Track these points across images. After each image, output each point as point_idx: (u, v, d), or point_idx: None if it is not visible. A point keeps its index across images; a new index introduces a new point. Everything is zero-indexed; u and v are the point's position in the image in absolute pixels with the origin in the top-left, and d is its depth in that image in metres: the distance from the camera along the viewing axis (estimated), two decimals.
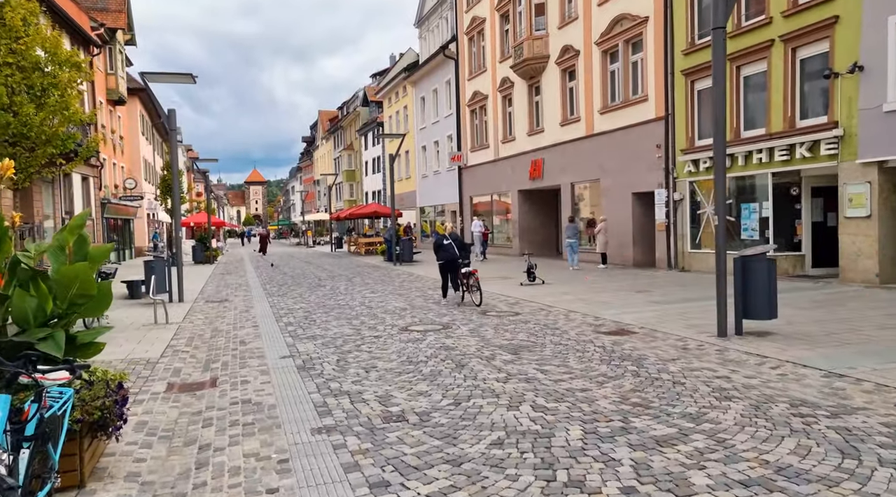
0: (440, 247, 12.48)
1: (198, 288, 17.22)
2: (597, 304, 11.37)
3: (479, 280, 11.87)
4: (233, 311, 12.31)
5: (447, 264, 12.37)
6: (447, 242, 12.43)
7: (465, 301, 12.21)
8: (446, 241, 12.45)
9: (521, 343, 7.93)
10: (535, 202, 25.78)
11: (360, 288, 15.84)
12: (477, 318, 10.23)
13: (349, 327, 9.63)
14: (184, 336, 9.48)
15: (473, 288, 11.82)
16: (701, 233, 16.28)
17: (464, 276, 12.07)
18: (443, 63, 32.70)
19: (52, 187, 23.50)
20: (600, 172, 20.17)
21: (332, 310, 11.80)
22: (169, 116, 13.99)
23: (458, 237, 12.85)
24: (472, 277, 11.83)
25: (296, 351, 7.97)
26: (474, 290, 11.79)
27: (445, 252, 12.33)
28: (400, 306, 11.96)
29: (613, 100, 19.58)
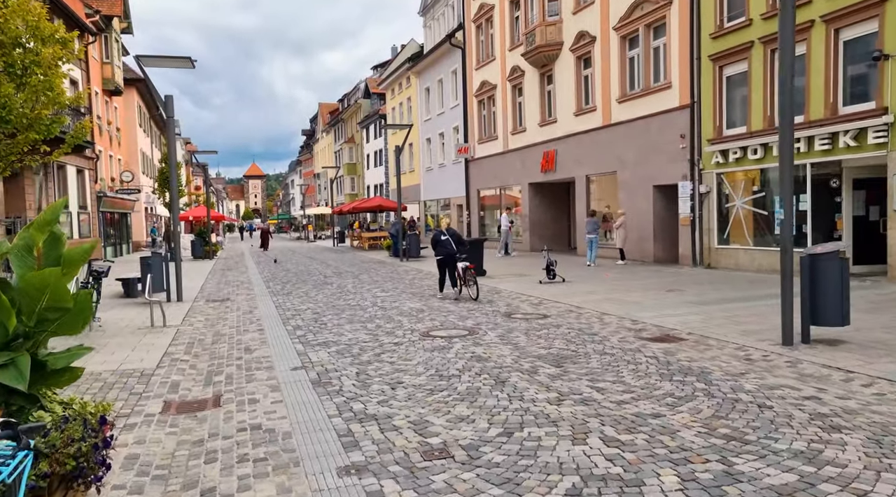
0: (437, 242, 12.55)
1: (197, 286, 16.36)
2: (629, 304, 10.52)
3: (475, 274, 12.01)
4: (235, 311, 11.45)
5: (445, 259, 12.43)
6: (444, 238, 12.48)
7: (462, 295, 12.24)
8: (443, 237, 12.51)
9: (560, 352, 7.07)
10: (546, 195, 24.90)
11: (369, 286, 14.98)
12: (503, 321, 9.38)
13: (364, 332, 8.77)
14: (183, 341, 8.62)
15: (470, 282, 11.97)
16: (730, 227, 15.40)
17: (461, 270, 12.20)
18: (449, 52, 31.73)
19: (45, 179, 22.59)
20: (618, 164, 19.28)
21: (343, 311, 10.94)
22: (166, 103, 13.09)
23: (455, 232, 12.92)
24: (469, 272, 12.00)
25: (308, 361, 7.11)
26: (471, 284, 11.94)
27: (443, 247, 12.40)
28: (416, 307, 11.10)
29: (633, 88, 18.66)
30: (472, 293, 11.90)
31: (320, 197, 77.71)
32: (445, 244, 12.39)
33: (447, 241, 12.41)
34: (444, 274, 12.54)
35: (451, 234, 12.62)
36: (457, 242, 12.49)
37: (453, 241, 12.45)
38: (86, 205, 26.75)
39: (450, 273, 12.49)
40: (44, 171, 22.44)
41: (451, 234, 12.63)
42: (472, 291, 11.88)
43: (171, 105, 13.12)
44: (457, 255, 12.35)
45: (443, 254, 12.42)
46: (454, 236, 12.63)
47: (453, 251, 12.34)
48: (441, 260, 12.50)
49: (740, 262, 15.02)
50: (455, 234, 12.85)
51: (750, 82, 14.39)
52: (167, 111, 13.15)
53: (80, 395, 6.07)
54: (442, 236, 12.54)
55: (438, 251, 12.51)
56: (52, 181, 23.02)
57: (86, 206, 26.73)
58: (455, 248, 12.37)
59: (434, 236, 12.82)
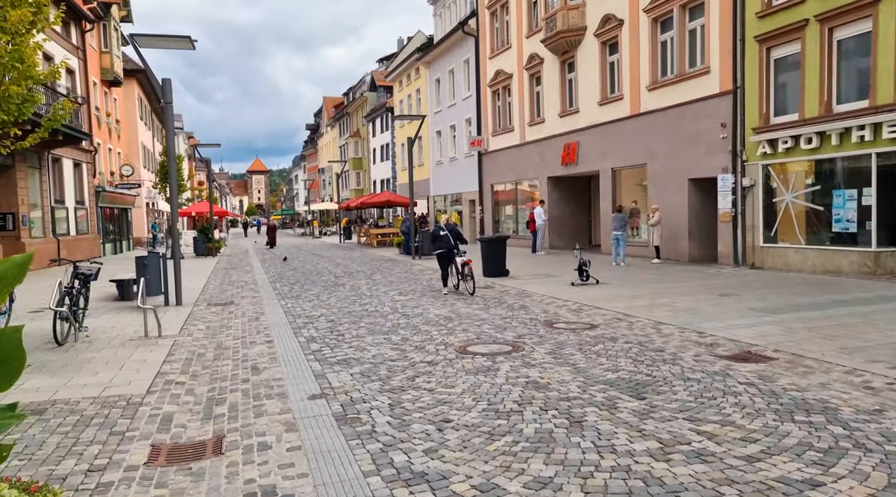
0: (437, 237, 12.83)
1: (199, 286, 15.19)
2: (684, 312, 9.30)
3: (472, 269, 12.31)
4: (240, 318, 10.27)
5: (444, 254, 12.63)
6: (443, 233, 12.69)
7: (459, 290, 12.56)
8: (443, 232, 12.72)
9: (633, 377, 5.86)
10: (565, 190, 23.64)
11: (384, 287, 13.78)
12: (547, 333, 8.17)
13: (390, 346, 7.57)
14: (180, 357, 7.44)
15: (467, 277, 12.24)
16: (777, 224, 14.14)
17: (459, 265, 12.44)
18: (461, 41, 30.43)
19: (40, 173, 21.43)
20: (647, 156, 18.02)
21: (361, 318, 9.74)
22: (163, 87, 11.89)
23: (454, 228, 13.13)
24: (467, 267, 12.25)
25: (328, 386, 5.92)
26: (468, 279, 12.21)
27: (442, 242, 12.62)
28: (442, 314, 9.89)
29: (665, 74, 17.39)
30: (468, 288, 12.15)
31: (325, 192, 76.54)
32: (444, 239, 12.60)
33: (446, 237, 12.60)
34: (445, 269, 12.72)
35: (449, 230, 12.76)
36: (455, 238, 12.65)
37: (452, 236, 12.63)
38: (83, 200, 25.62)
39: (447, 266, 12.70)
40: (38, 163, 21.30)
41: (450, 230, 12.79)
42: (469, 286, 12.14)
43: (168, 89, 11.92)
44: (455, 250, 12.53)
45: (442, 248, 12.64)
46: (453, 232, 12.80)
47: (452, 246, 12.54)
48: (440, 254, 12.70)
49: (790, 263, 13.77)
50: (454, 229, 13.00)
51: (803, 65, 13.11)
52: (165, 96, 11.95)
53: (47, 435, 4.92)
54: (441, 232, 12.74)
55: (438, 246, 12.76)
56: (48, 175, 21.87)
57: (83, 202, 25.60)
58: (454, 243, 12.54)
59: (433, 232, 13.21)
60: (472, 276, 12.14)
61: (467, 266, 12.19)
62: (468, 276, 12.16)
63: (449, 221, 13.66)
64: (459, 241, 12.65)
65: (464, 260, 12.29)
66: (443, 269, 12.69)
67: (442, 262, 12.67)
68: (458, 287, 12.60)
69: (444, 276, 12.71)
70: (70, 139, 21.34)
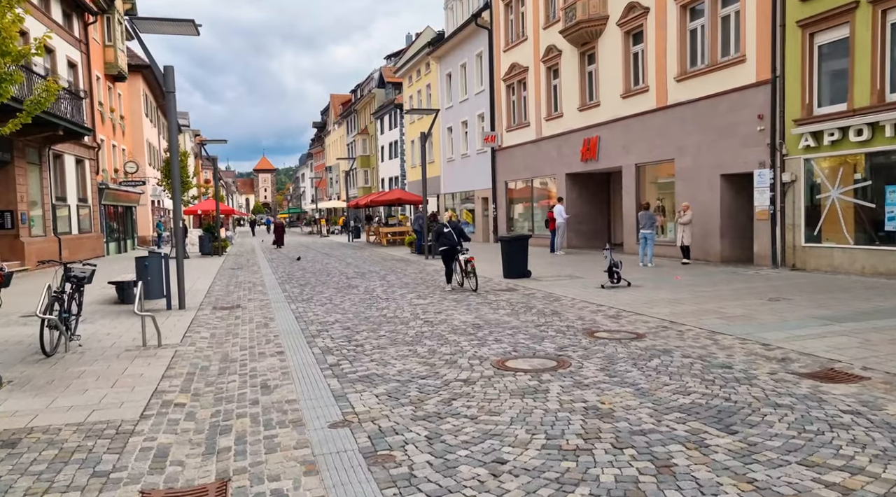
0: (440, 234, 13.09)
1: (203, 288, 14.39)
2: (737, 319, 8.41)
3: (475, 267, 12.41)
4: (248, 324, 9.44)
5: (448, 251, 12.87)
6: (447, 231, 12.95)
7: (464, 286, 12.71)
8: (446, 230, 12.98)
9: (711, 402, 4.97)
10: (584, 187, 22.73)
11: (400, 290, 12.93)
12: (590, 344, 7.29)
13: (417, 360, 6.71)
14: (180, 371, 6.61)
15: (470, 274, 12.37)
16: (822, 223, 13.20)
17: (462, 262, 12.63)
18: (474, 34, 29.54)
19: (40, 169, 20.70)
20: (675, 151, 17.10)
21: (381, 325, 8.89)
22: (165, 75, 11.07)
23: (457, 225, 13.35)
24: (470, 264, 12.37)
25: (351, 410, 5.07)
26: (471, 276, 12.33)
27: (446, 239, 12.88)
28: (468, 321, 9.03)
29: (695, 64, 16.45)
30: (471, 285, 12.33)
31: (332, 190, 75.80)
32: (448, 237, 12.84)
33: (449, 234, 12.84)
34: (449, 265, 12.98)
35: (453, 227, 13.03)
36: (458, 235, 12.86)
37: (455, 233, 12.86)
38: (86, 198, 24.91)
39: (451, 263, 12.96)
40: (38, 159, 20.56)
41: (454, 227, 13.04)
42: (472, 283, 12.29)
43: (171, 78, 11.09)
44: (458, 247, 12.76)
45: (446, 244, 12.86)
46: (456, 229, 13.02)
47: (455, 243, 12.77)
48: (444, 251, 12.93)
49: (837, 264, 12.83)
50: (457, 227, 13.24)
51: (852, 51, 12.17)
52: (167, 85, 11.13)
53: (16, 476, 4.08)
54: (445, 229, 13.03)
55: (441, 243, 13.01)
56: (48, 171, 21.13)
57: (86, 199, 24.89)
58: (457, 240, 12.77)
59: (437, 229, 13.60)
60: (475, 274, 12.27)
61: (470, 263, 12.35)
62: (471, 272, 12.32)
63: (452, 219, 13.82)
64: (463, 238, 12.89)
65: (467, 257, 12.51)
66: (447, 266, 13.01)
67: (446, 259, 13.00)
68: (463, 284, 12.77)
69: (447, 272, 13.04)
70: (71, 134, 20.58)
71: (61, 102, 20.00)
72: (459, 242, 12.79)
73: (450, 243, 12.79)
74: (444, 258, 13.03)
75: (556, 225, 20.40)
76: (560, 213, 20.26)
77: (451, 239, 12.78)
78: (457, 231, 12.96)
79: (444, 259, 13.07)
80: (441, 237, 13.02)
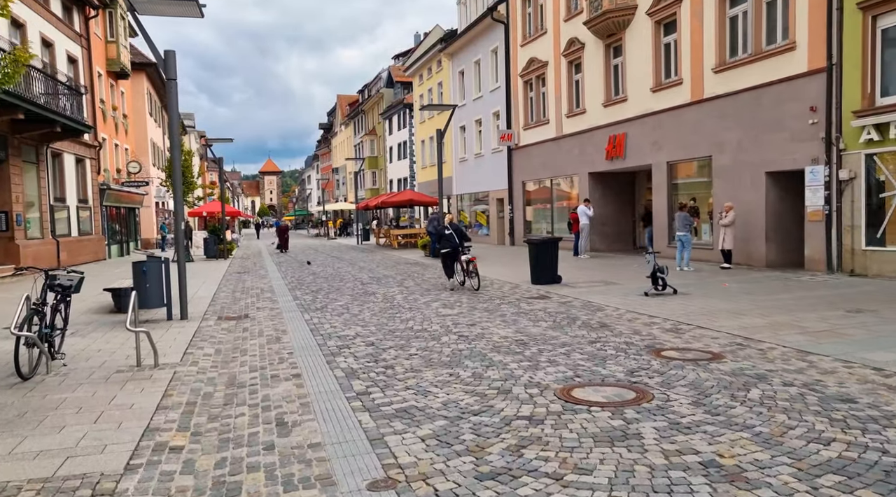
0: (442, 236, 13.43)
1: (208, 294, 13.33)
2: (822, 335, 7.27)
3: (476, 267, 12.76)
4: (257, 337, 8.36)
5: (449, 252, 13.16)
6: (448, 232, 13.24)
7: (465, 286, 12.97)
8: (447, 232, 13.28)
9: (865, 456, 3.83)
10: (608, 187, 21.58)
11: (422, 297, 11.82)
12: (662, 365, 6.17)
13: (462, 387, 5.59)
14: (179, 400, 5.52)
15: (472, 274, 12.72)
16: (886, 224, 12.02)
17: (464, 262, 12.93)
18: (489, 29, 28.45)
19: (37, 169, 19.70)
20: (713, 147, 15.94)
21: (409, 341, 7.77)
22: (166, 61, 10.00)
23: (457, 227, 13.64)
24: (472, 264, 12.71)
25: (393, 463, 3.95)
26: (473, 276, 12.70)
27: (447, 240, 13.19)
28: (510, 336, 7.91)
29: (735, 54, 15.31)
30: (473, 284, 12.67)
31: (339, 192, 74.83)
32: (449, 238, 13.15)
33: (451, 235, 13.15)
34: (451, 266, 13.26)
35: (454, 229, 13.32)
36: (459, 236, 13.14)
37: (456, 234, 13.15)
38: (87, 198, 23.92)
39: (452, 264, 13.23)
40: (36, 158, 19.57)
41: (455, 229, 13.34)
42: (474, 282, 12.62)
43: (172, 64, 10.03)
44: (459, 247, 13.03)
45: (447, 246, 13.15)
46: (457, 230, 13.31)
47: (456, 244, 13.06)
48: (446, 252, 13.24)
49: None
50: (458, 228, 13.52)
51: None
52: (167, 72, 10.07)
53: None
54: (446, 231, 13.33)
55: (443, 244, 13.30)
56: (46, 171, 20.14)
57: (86, 200, 23.90)
58: (458, 241, 13.05)
59: (439, 231, 14.05)
60: (476, 273, 12.66)
61: (472, 263, 12.70)
62: (473, 272, 12.67)
63: (452, 220, 14.28)
64: (464, 239, 13.20)
65: (468, 257, 12.82)
66: (448, 266, 13.33)
67: (447, 260, 13.31)
68: (465, 283, 13.07)
69: (448, 272, 13.36)
70: (70, 131, 19.60)
71: (59, 98, 19.03)
72: (461, 243, 13.10)
73: (450, 244, 13.13)
74: (446, 259, 13.39)
75: (580, 227, 19.26)
76: (584, 213, 19.13)
77: (452, 241, 13.13)
78: (458, 233, 13.26)
79: (444, 260, 13.45)
80: (443, 238, 13.37)
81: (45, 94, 18.07)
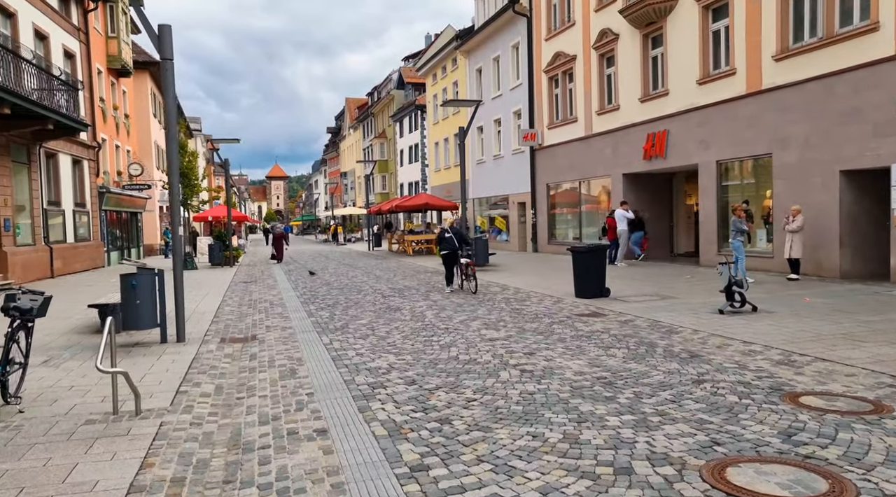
0: (442, 239, 13.81)
1: (211, 308, 11.77)
2: None
3: (475, 270, 13.16)
4: (268, 369, 6.79)
5: (449, 255, 13.57)
6: (448, 236, 13.63)
7: (464, 288, 13.38)
8: (447, 235, 13.67)
9: None
10: (644, 189, 19.94)
11: (457, 315, 10.21)
12: (824, 426, 4.54)
13: (558, 462, 3.97)
14: (161, 475, 3.96)
15: (471, 277, 13.03)
16: None
17: (462, 266, 13.38)
18: (510, 23, 26.94)
19: (29, 170, 18.25)
20: (774, 144, 14.31)
21: (460, 378, 6.16)
22: (160, 36, 8.48)
23: (458, 231, 14.06)
24: (470, 268, 13.09)
25: None
26: (471, 279, 13.01)
27: (447, 244, 13.57)
28: (585, 371, 6.29)
29: (801, 39, 13.69)
30: (471, 287, 13.01)
31: (347, 197, 73.39)
32: (449, 241, 13.54)
33: (451, 239, 13.54)
34: (450, 269, 13.69)
35: (454, 233, 13.69)
36: (459, 240, 13.57)
37: (456, 238, 13.55)
38: (84, 202, 22.47)
39: (451, 267, 13.65)
40: (27, 158, 18.12)
41: (455, 233, 13.72)
42: (472, 285, 12.97)
43: (167, 41, 8.51)
44: (459, 251, 13.44)
45: (447, 249, 13.56)
46: (457, 234, 13.72)
47: (456, 248, 13.47)
48: (445, 255, 13.67)
49: None
50: (458, 232, 13.94)
51: None
52: (162, 50, 8.55)
53: None
54: (446, 234, 13.71)
55: (443, 247, 13.71)
56: (39, 172, 18.69)
57: (84, 204, 22.45)
58: (458, 245, 13.46)
59: (439, 234, 14.29)
60: (474, 277, 12.98)
61: (470, 267, 13.10)
62: (471, 275, 13.02)
63: (452, 225, 14.63)
64: (464, 243, 13.68)
65: (467, 261, 13.23)
66: (448, 269, 13.74)
67: (447, 263, 13.71)
68: (463, 286, 13.50)
69: (448, 275, 13.75)
70: (65, 129, 18.13)
71: (54, 94, 17.59)
72: (461, 247, 13.46)
73: (450, 248, 13.49)
74: (446, 261, 13.74)
75: (617, 232, 17.64)
76: (622, 218, 17.49)
77: (451, 244, 13.46)
78: (458, 236, 13.64)
79: (445, 262, 13.81)
80: (443, 242, 13.73)
81: (37, 89, 16.64)
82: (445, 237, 13.67)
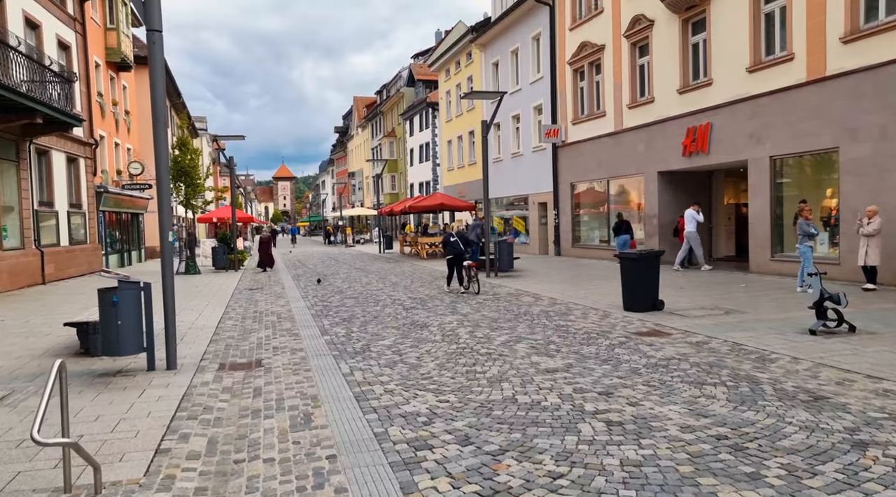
0: (447, 243, 14.27)
1: (211, 323, 10.34)
2: None
3: (477, 273, 13.48)
4: (275, 414, 5.34)
5: (454, 258, 14.06)
6: (453, 240, 14.12)
7: (468, 290, 13.40)
8: (452, 239, 14.17)
9: None
10: (681, 188, 18.43)
11: (497, 334, 8.74)
12: None
13: None
14: None
15: (473, 279, 13.34)
16: None
17: (466, 268, 13.58)
18: (530, 12, 25.45)
19: (18, 168, 16.87)
20: (840, 136, 12.78)
21: (527, 432, 4.67)
22: (146, 4, 7.04)
23: (462, 235, 14.96)
24: (473, 270, 13.35)
25: None
26: (474, 281, 13.33)
27: (452, 248, 14.07)
28: (690, 424, 4.81)
29: (875, 18, 12.17)
30: (473, 289, 13.25)
31: (355, 197, 72.02)
32: (454, 245, 14.05)
33: (455, 242, 14.06)
34: (452, 271, 14.21)
35: (459, 236, 14.37)
36: (464, 243, 14.27)
37: (461, 242, 14.16)
38: (80, 203, 21.12)
39: (457, 270, 14.05)
40: (16, 156, 16.77)
41: (459, 236, 14.42)
42: (474, 287, 13.25)
43: (155, 9, 7.07)
44: (463, 254, 14.00)
45: (452, 253, 14.07)
46: (462, 238, 14.43)
47: (461, 251, 14.01)
48: (450, 258, 14.17)
49: None
50: (462, 235, 14.88)
51: None
52: (149, 20, 7.11)
53: None
54: (451, 238, 14.20)
55: (448, 251, 14.19)
56: (28, 170, 17.33)
57: (80, 205, 21.10)
58: (462, 248, 14.06)
59: (444, 238, 14.68)
60: (477, 279, 13.34)
61: (473, 269, 13.36)
62: (473, 278, 13.31)
63: (459, 228, 15.06)
64: (468, 245, 14.55)
65: (468, 263, 13.56)
66: (450, 271, 14.27)
67: (451, 265, 14.21)
68: (468, 288, 13.53)
69: (449, 276, 14.30)
70: (56, 124, 16.79)
71: (46, 86, 16.25)
72: (465, 250, 14.16)
73: (455, 251, 14.02)
74: (450, 264, 14.25)
75: (685, 234, 16.26)
76: (693, 218, 15.99)
77: (456, 247, 14.03)
78: (462, 240, 14.36)
79: (449, 265, 14.29)
80: (447, 245, 14.25)
81: (27, 81, 15.30)
82: (451, 241, 14.20)
